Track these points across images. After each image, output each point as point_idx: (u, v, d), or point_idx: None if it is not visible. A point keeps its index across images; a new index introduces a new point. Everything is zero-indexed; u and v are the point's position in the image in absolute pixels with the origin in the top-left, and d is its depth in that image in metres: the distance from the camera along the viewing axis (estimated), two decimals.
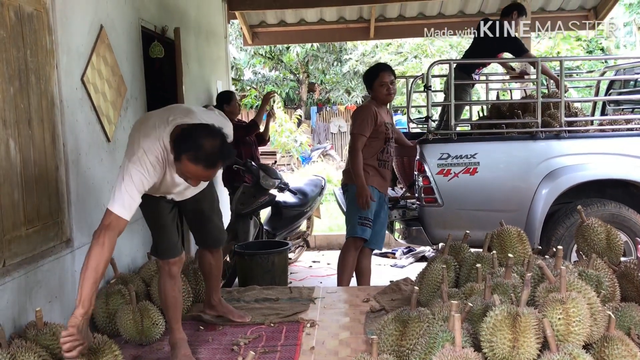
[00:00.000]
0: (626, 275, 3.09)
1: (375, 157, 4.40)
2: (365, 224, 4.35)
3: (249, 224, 5.41)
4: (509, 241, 3.39)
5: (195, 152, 2.43)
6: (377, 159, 4.41)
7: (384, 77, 4.38)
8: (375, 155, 4.40)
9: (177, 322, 3.03)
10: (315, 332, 3.27)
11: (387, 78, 4.39)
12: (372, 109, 4.38)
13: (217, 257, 3.39)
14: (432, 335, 2.29)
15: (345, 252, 4.44)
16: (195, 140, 2.44)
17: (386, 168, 4.47)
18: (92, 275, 2.37)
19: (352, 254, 4.42)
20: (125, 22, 4.05)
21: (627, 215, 4.49)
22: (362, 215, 4.33)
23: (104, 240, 2.43)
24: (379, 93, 4.41)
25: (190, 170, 2.47)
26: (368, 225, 4.35)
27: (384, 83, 4.38)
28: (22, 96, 2.74)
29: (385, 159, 4.46)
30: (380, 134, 4.38)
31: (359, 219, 4.34)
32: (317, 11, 8.82)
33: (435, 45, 16.11)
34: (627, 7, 16.44)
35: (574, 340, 2.24)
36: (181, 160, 2.46)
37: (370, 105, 4.44)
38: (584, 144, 4.63)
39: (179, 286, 3.10)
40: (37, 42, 2.88)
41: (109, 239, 2.44)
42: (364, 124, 4.31)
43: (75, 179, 3.22)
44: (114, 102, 3.75)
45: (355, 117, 4.45)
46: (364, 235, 4.37)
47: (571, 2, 8.59)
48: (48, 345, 2.54)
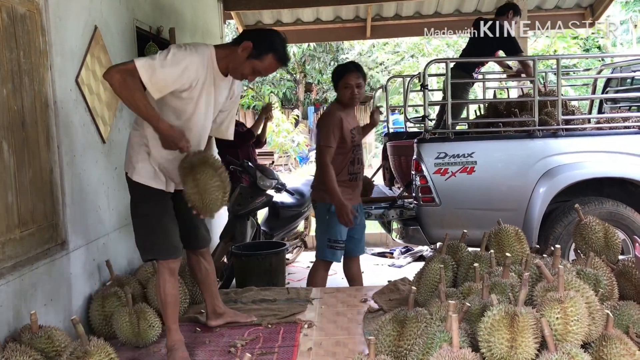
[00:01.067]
0: (624, 274, 3.08)
1: (345, 170, 4.06)
2: (335, 247, 4.05)
3: (246, 224, 5.40)
4: (507, 240, 3.37)
5: (278, 52, 2.86)
6: (348, 173, 4.07)
7: (349, 79, 4.00)
8: (345, 169, 4.06)
9: (176, 322, 3.01)
10: (312, 332, 3.25)
11: (353, 80, 3.99)
12: (336, 116, 4.02)
13: (209, 260, 3.36)
14: (429, 336, 2.28)
15: (314, 272, 4.19)
16: (279, 43, 2.89)
17: (357, 180, 4.15)
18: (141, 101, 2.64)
19: (322, 274, 4.18)
20: (120, 23, 4.03)
21: (625, 213, 4.49)
22: (331, 237, 4.03)
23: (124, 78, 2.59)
24: (343, 95, 4.05)
25: (269, 66, 2.88)
26: (339, 247, 4.06)
27: (349, 85, 4.00)
28: (16, 98, 2.72)
29: (357, 171, 4.13)
30: (347, 143, 4.02)
31: (328, 242, 4.05)
32: (314, 11, 8.81)
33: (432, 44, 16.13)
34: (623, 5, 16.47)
35: (572, 340, 2.22)
36: (264, 58, 2.83)
37: (334, 112, 4.08)
38: (582, 142, 4.64)
39: (177, 285, 3.08)
40: (30, 43, 2.86)
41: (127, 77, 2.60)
42: (329, 134, 3.95)
43: (70, 181, 3.20)
44: (109, 103, 3.73)
45: (320, 126, 4.09)
46: (333, 259, 4.09)
47: (567, 0, 8.59)
48: (43, 348, 2.52)
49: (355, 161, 4.12)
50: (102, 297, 3.28)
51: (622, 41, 18.91)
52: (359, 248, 4.29)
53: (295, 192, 6.16)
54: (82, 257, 3.30)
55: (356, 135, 4.12)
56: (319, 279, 4.16)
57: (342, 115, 4.04)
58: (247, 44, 2.80)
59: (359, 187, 4.21)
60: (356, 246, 4.25)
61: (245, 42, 2.81)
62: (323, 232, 4.08)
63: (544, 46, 15.50)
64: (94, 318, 3.24)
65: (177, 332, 3.00)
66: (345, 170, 4.06)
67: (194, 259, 3.31)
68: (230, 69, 2.89)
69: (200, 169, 2.72)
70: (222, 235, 5.40)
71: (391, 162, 5.90)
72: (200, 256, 3.30)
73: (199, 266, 3.32)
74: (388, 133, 6.58)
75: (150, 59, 2.65)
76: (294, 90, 21.68)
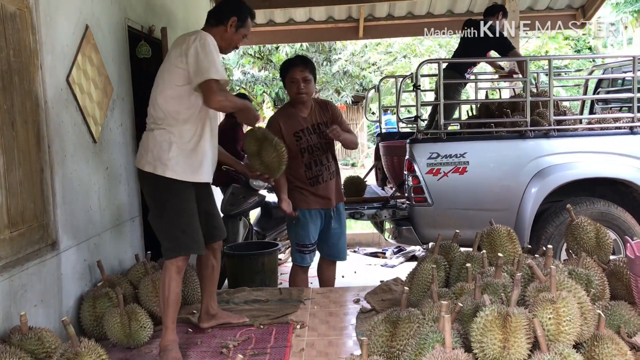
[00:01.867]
0: (615, 274, 3.09)
1: (302, 176, 3.89)
2: (303, 251, 3.99)
3: (239, 224, 5.38)
4: (499, 240, 3.38)
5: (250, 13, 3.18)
6: (307, 178, 3.89)
7: (295, 73, 3.83)
8: (301, 174, 3.89)
9: (174, 322, 2.99)
10: (305, 333, 3.25)
11: (299, 74, 3.82)
12: (274, 122, 3.89)
13: (217, 258, 3.36)
14: (422, 336, 2.28)
15: (293, 277, 4.16)
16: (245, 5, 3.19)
17: (321, 183, 3.92)
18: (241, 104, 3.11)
19: (300, 278, 4.13)
20: (112, 22, 4.00)
21: (616, 213, 4.50)
22: (298, 242, 3.99)
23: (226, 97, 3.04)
24: (290, 91, 3.89)
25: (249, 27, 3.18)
26: (307, 250, 3.99)
27: (295, 80, 3.83)
28: (5, 97, 2.69)
29: (316, 175, 3.90)
30: (291, 147, 3.73)
31: (296, 246, 4.02)
32: (306, 11, 8.80)
33: (425, 44, 16.15)
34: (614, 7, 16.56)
35: (564, 340, 2.23)
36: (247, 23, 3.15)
37: (275, 117, 3.96)
38: (573, 142, 4.65)
39: (181, 285, 3.07)
40: (20, 42, 2.84)
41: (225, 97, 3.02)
42: None
43: (61, 181, 3.17)
44: (100, 102, 3.71)
45: None
46: (302, 263, 4.04)
47: (559, 1, 8.63)
48: (33, 350, 2.50)
49: (312, 164, 3.90)
50: (93, 298, 3.26)
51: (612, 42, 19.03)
52: (335, 253, 4.15)
53: None
54: (72, 257, 3.28)
55: (304, 137, 3.88)
56: (299, 282, 4.13)
57: (282, 120, 3.89)
58: (233, 19, 3.09)
59: (331, 188, 3.98)
60: (330, 250, 4.14)
61: (232, 18, 3.08)
62: (291, 237, 4.08)
63: (536, 47, 15.56)
64: (85, 319, 3.22)
65: (173, 332, 2.98)
66: (301, 175, 3.90)
67: (205, 256, 3.29)
68: (223, 47, 3.11)
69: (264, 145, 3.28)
70: None
71: (384, 162, 5.89)
72: (211, 251, 3.30)
73: (207, 262, 3.31)
74: (381, 133, 6.58)
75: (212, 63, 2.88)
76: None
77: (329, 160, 3.98)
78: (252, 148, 3.30)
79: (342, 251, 4.17)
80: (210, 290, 3.37)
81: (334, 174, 4.02)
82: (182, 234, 2.98)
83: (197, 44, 2.89)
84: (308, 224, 3.95)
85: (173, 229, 2.98)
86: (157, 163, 2.94)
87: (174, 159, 2.93)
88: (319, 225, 4.02)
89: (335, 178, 4.04)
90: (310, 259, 4.07)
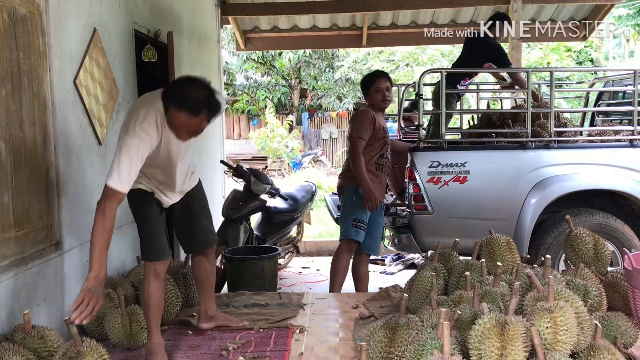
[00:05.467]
0: (613, 285, 3.12)
1: (373, 160, 4.41)
2: (360, 227, 4.35)
3: (239, 229, 5.41)
4: (498, 249, 3.41)
5: (179, 99, 2.58)
6: (375, 163, 4.42)
7: (380, 83, 4.43)
8: (373, 159, 4.41)
9: (157, 325, 3.01)
10: (304, 338, 3.27)
11: (383, 84, 4.43)
12: (370, 113, 4.41)
13: (211, 261, 3.37)
14: (420, 343, 2.30)
15: (339, 254, 4.43)
16: (180, 88, 2.63)
17: (383, 172, 4.48)
18: (98, 241, 2.55)
19: (346, 257, 4.41)
20: (119, 26, 4.05)
21: (615, 225, 4.53)
22: (356, 217, 4.35)
23: (104, 209, 2.57)
24: (375, 99, 4.45)
25: (178, 120, 2.61)
26: (362, 227, 4.35)
27: (380, 89, 4.42)
28: (14, 98, 2.73)
29: (383, 163, 4.47)
30: (379, 139, 4.41)
31: (353, 221, 4.34)
32: (310, 18, 8.85)
33: (427, 53, 16.20)
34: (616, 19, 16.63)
35: (561, 349, 2.26)
36: (169, 111, 2.61)
37: (368, 110, 4.46)
38: (573, 154, 4.68)
39: (162, 289, 3.09)
40: (30, 44, 2.88)
41: (109, 208, 2.58)
42: (363, 127, 4.34)
43: (66, 182, 3.21)
44: (106, 105, 3.75)
45: (354, 121, 4.47)
46: (357, 237, 4.36)
47: (562, 13, 8.69)
48: (36, 348, 2.53)
49: (383, 155, 4.47)
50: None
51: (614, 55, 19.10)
52: (374, 247, 4.54)
53: (288, 198, 6.18)
54: (76, 257, 3.31)
55: (387, 134, 4.50)
56: (343, 260, 4.41)
57: (375, 114, 4.42)
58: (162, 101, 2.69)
59: (384, 180, 4.54)
60: (372, 244, 4.50)
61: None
62: (349, 213, 4.39)
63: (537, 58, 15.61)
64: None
65: (158, 335, 3.01)
66: (373, 160, 4.41)
67: (195, 259, 3.33)
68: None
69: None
70: None
71: None
72: (202, 257, 3.32)
73: (199, 266, 3.34)
74: None
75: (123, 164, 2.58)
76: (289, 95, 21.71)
77: (390, 159, 4.60)
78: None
79: (377, 247, 4.63)
80: (207, 293, 3.40)
81: (388, 171, 4.60)
82: (147, 239, 3.02)
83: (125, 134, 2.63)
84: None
85: (141, 234, 3.04)
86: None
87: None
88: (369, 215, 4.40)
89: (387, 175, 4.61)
90: (362, 236, 4.39)
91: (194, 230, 3.24)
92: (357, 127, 4.36)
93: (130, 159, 2.61)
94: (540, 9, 8.65)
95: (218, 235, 5.39)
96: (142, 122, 2.64)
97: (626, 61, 17.97)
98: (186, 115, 2.58)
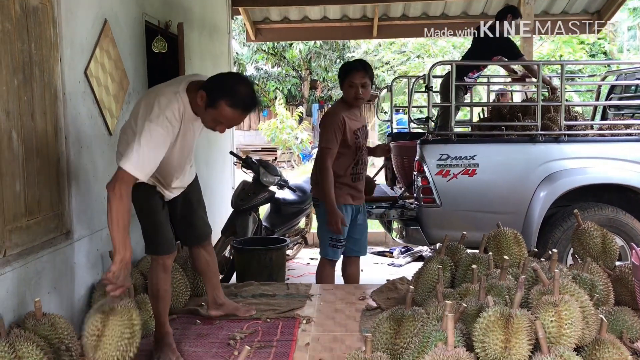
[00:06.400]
0: (620, 280, 3.12)
1: (348, 172, 4.05)
2: (337, 246, 4.09)
3: (248, 219, 5.44)
4: (505, 243, 3.41)
5: (232, 97, 2.60)
6: (351, 174, 4.07)
7: (355, 78, 3.92)
8: (348, 169, 4.05)
9: (165, 315, 3.05)
10: (311, 328, 3.30)
11: (358, 79, 3.91)
12: (339, 116, 3.97)
13: (210, 251, 3.40)
14: (425, 335, 2.32)
15: (321, 269, 4.23)
16: (232, 86, 2.63)
17: (360, 180, 4.16)
18: (119, 224, 2.49)
19: (328, 270, 4.22)
20: (129, 17, 4.07)
21: (624, 220, 4.51)
22: (332, 237, 4.05)
23: (121, 193, 2.51)
24: (347, 94, 3.99)
25: (226, 115, 2.64)
26: (339, 246, 4.10)
27: (354, 85, 3.92)
28: (26, 88, 2.76)
29: (359, 172, 4.13)
30: (350, 145, 4.00)
31: (330, 241, 4.08)
32: (321, 9, 8.85)
33: (438, 45, 16.13)
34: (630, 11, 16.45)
35: (565, 343, 2.26)
36: (218, 105, 2.61)
37: (336, 111, 4.03)
38: (583, 148, 4.66)
39: (170, 280, 3.13)
40: (41, 35, 2.91)
41: (125, 190, 2.53)
42: (330, 135, 3.92)
43: (77, 172, 3.24)
44: (117, 95, 3.78)
45: (322, 126, 4.07)
46: (334, 257, 4.15)
47: (575, 5, 8.61)
48: (46, 335, 2.56)
49: (359, 162, 4.10)
50: (104, 287, 3.31)
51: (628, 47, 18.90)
52: (358, 248, 4.29)
53: (297, 189, 6.20)
54: (85, 247, 3.35)
55: (360, 137, 4.09)
56: (326, 277, 4.21)
57: (345, 115, 3.99)
58: (201, 93, 2.65)
59: (362, 186, 4.21)
60: (354, 245, 4.25)
61: (200, 92, 2.65)
62: (325, 231, 4.07)
63: (550, 50, 15.50)
64: None
65: (167, 325, 3.05)
66: (348, 171, 4.06)
67: (195, 251, 3.35)
68: (194, 111, 2.75)
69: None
70: (224, 230, 5.44)
71: (394, 162, 5.92)
72: (201, 248, 3.34)
73: (199, 257, 3.36)
74: (392, 133, 6.61)
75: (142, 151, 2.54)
76: (299, 87, 21.71)
77: (367, 161, 4.28)
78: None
79: (364, 246, 4.38)
80: (213, 283, 3.43)
81: (364, 176, 4.27)
82: (151, 232, 3.01)
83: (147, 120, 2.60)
84: (345, 219, 4.04)
85: (144, 227, 3.03)
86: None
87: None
88: (349, 221, 4.12)
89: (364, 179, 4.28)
90: (340, 254, 4.21)
91: (193, 222, 3.27)
92: (325, 135, 3.96)
93: (155, 147, 2.58)
94: (552, 2, 8.59)
95: (227, 226, 5.46)
96: (166, 112, 2.62)
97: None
98: (238, 112, 2.64)
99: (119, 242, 2.49)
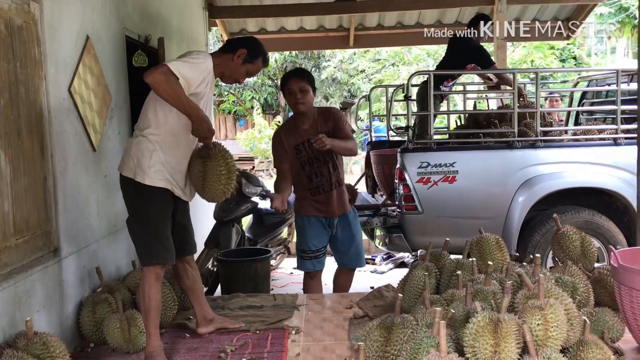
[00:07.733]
0: (600, 281, 3.22)
1: (305, 186, 4.00)
2: (304, 257, 4.08)
3: (231, 231, 5.45)
4: (488, 248, 3.48)
5: (265, 55, 3.30)
6: (308, 189, 4.00)
7: (291, 84, 3.89)
8: (304, 185, 4.01)
9: (157, 328, 3.05)
10: (300, 338, 3.33)
11: (295, 85, 3.87)
12: (278, 136, 4.03)
13: (194, 266, 3.44)
14: (416, 342, 2.37)
15: (304, 282, 4.25)
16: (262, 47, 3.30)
17: (322, 193, 3.99)
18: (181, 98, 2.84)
19: (308, 283, 4.22)
20: (110, 32, 4.08)
21: (600, 222, 4.64)
22: (300, 248, 4.08)
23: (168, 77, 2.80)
24: (289, 103, 3.99)
25: (259, 68, 3.30)
26: (307, 257, 4.07)
27: (292, 91, 3.88)
28: (12, 108, 2.76)
29: (317, 186, 3.98)
30: (293, 163, 3.96)
31: (300, 253, 4.11)
32: (298, 20, 8.91)
33: (413, 53, 16.32)
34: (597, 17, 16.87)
35: (552, 345, 2.34)
36: (257, 61, 3.25)
37: (278, 130, 4.14)
38: (559, 153, 4.79)
39: (161, 291, 3.14)
40: (26, 53, 2.90)
41: (167, 75, 2.80)
42: (274, 156, 4.05)
43: (63, 189, 3.24)
44: (100, 111, 3.78)
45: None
46: (301, 268, 4.14)
47: (545, 13, 8.82)
48: (39, 354, 2.55)
49: (313, 176, 3.98)
50: (92, 303, 3.32)
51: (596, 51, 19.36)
52: (346, 260, 4.21)
53: None
54: (73, 263, 3.34)
55: (304, 150, 3.94)
56: (309, 288, 4.22)
57: (284, 133, 4.02)
58: (242, 51, 3.17)
59: (332, 199, 4.01)
60: (341, 257, 4.21)
61: (241, 50, 3.16)
62: (297, 243, 4.16)
63: (521, 56, 15.80)
64: (85, 324, 3.28)
65: (157, 338, 3.04)
66: (304, 186, 4.01)
67: (180, 267, 3.35)
68: (225, 74, 3.22)
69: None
70: (207, 242, 5.45)
71: (374, 171, 6.00)
72: (186, 263, 3.36)
73: (186, 273, 3.37)
74: (371, 141, 6.69)
75: (181, 61, 2.93)
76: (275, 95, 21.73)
77: (329, 172, 3.99)
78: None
79: (353, 259, 4.20)
80: (199, 299, 3.43)
81: (336, 184, 4.01)
82: (155, 241, 3.02)
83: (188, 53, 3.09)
84: (307, 230, 4.04)
85: (147, 236, 3.03)
86: (137, 170, 2.98)
87: (154, 166, 2.97)
88: (323, 232, 4.07)
89: (337, 188, 4.03)
90: (312, 266, 4.10)
91: (189, 234, 3.32)
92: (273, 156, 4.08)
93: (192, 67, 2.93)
94: (524, 9, 8.79)
95: (210, 238, 5.47)
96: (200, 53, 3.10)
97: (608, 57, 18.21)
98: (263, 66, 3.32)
99: (187, 105, 2.85)
